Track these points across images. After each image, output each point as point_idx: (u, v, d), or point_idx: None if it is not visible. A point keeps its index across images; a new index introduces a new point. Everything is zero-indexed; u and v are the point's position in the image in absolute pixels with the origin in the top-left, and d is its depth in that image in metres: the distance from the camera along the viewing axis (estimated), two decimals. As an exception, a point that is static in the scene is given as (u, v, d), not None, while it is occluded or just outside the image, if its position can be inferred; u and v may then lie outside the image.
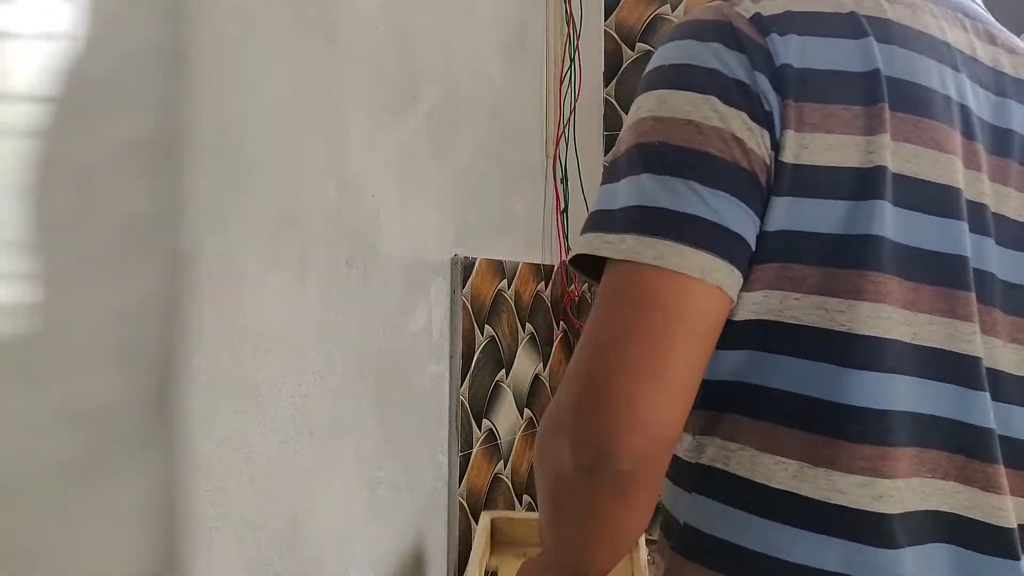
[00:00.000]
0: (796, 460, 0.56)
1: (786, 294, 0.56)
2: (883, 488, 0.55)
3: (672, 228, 0.54)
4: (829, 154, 0.56)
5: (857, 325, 0.55)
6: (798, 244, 0.56)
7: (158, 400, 0.75)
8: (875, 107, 0.57)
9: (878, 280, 0.56)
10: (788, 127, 0.56)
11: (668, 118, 0.57)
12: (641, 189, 0.56)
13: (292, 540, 0.90)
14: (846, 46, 0.58)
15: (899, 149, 0.57)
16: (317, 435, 0.94)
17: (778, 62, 0.57)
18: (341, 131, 0.98)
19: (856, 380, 0.55)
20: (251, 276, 0.84)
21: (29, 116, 0.64)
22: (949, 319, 0.58)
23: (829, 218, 0.56)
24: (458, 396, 1.21)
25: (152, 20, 0.74)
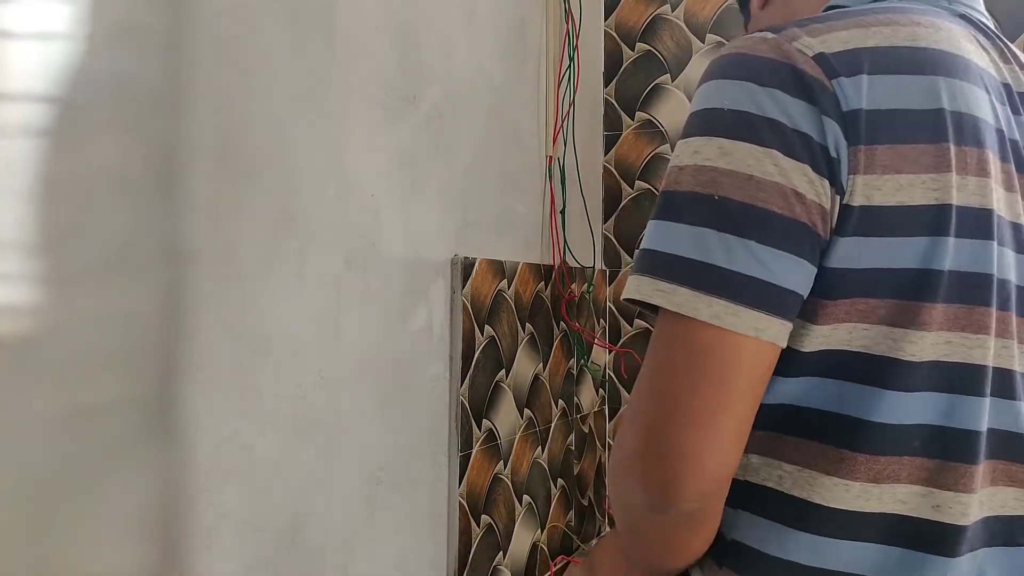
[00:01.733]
0: (859, 482, 0.59)
1: (855, 325, 0.59)
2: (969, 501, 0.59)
3: (728, 287, 0.56)
4: (900, 194, 0.58)
5: (953, 353, 0.59)
6: (868, 280, 0.59)
7: (158, 400, 0.75)
8: (941, 145, 0.58)
9: (934, 310, 0.58)
10: (857, 172, 0.57)
11: (730, 171, 0.58)
12: (699, 242, 0.58)
13: (292, 540, 0.90)
14: (914, 83, 0.59)
15: (963, 183, 0.59)
16: (317, 435, 0.94)
17: (846, 107, 0.57)
18: (341, 131, 0.98)
19: (959, 404, 0.59)
20: (251, 276, 0.84)
21: (29, 116, 0.64)
22: (1000, 338, 0.61)
23: (899, 255, 0.58)
24: (458, 396, 1.21)
25: (152, 20, 0.74)
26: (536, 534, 1.46)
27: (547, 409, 1.51)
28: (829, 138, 0.57)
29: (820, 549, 0.60)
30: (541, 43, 1.56)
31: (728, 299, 0.56)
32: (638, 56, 1.83)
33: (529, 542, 1.43)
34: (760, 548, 0.62)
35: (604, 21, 1.86)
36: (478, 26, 1.32)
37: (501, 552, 1.33)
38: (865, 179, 0.57)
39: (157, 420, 0.75)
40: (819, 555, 0.60)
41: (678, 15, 1.79)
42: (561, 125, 1.58)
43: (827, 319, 0.59)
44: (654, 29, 1.81)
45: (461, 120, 1.26)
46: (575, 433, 1.64)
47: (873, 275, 0.58)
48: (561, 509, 1.57)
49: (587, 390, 1.70)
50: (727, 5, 1.75)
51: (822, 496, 0.60)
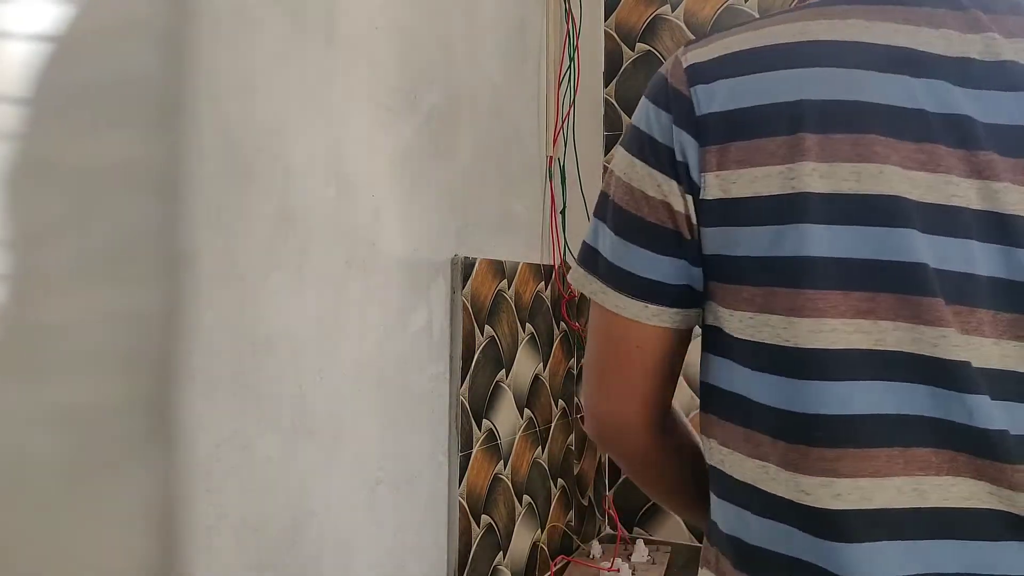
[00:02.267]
0: (772, 464, 0.63)
1: (743, 313, 0.64)
2: (841, 487, 0.61)
3: (602, 270, 0.70)
4: (755, 185, 0.63)
5: (800, 340, 0.61)
6: (740, 267, 0.64)
7: (158, 400, 0.75)
8: (795, 136, 0.61)
9: (815, 297, 0.61)
10: (708, 170, 0.64)
11: (615, 174, 0.71)
12: (594, 232, 0.72)
13: (292, 540, 0.90)
14: (774, 78, 0.63)
15: (834, 169, 0.61)
16: (317, 435, 0.94)
17: (699, 112, 0.65)
18: (341, 131, 0.98)
19: (809, 391, 0.61)
20: (251, 276, 0.84)
21: (29, 117, 0.64)
22: (913, 324, 0.60)
23: (760, 243, 0.63)
24: (458, 396, 1.21)
25: (152, 20, 0.74)
26: (536, 534, 1.46)
27: (547, 409, 1.51)
28: (675, 144, 0.66)
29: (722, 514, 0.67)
30: (541, 43, 1.56)
31: (601, 280, 0.70)
32: (638, 56, 1.83)
33: (529, 542, 1.43)
34: (718, 525, 0.69)
35: (604, 21, 1.86)
36: (478, 26, 1.32)
37: (501, 552, 1.33)
38: (719, 175, 0.64)
39: (157, 420, 0.75)
40: (724, 520, 0.67)
41: (678, 15, 1.79)
42: (561, 125, 1.58)
43: (724, 300, 0.66)
44: (654, 29, 1.81)
45: (461, 120, 1.26)
46: (575, 433, 1.64)
47: (742, 262, 0.64)
48: (561, 509, 1.57)
49: (587, 390, 1.70)
50: (727, 5, 1.75)
51: (752, 477, 0.65)
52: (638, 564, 1.56)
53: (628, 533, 1.73)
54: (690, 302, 0.69)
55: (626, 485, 1.78)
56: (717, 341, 0.68)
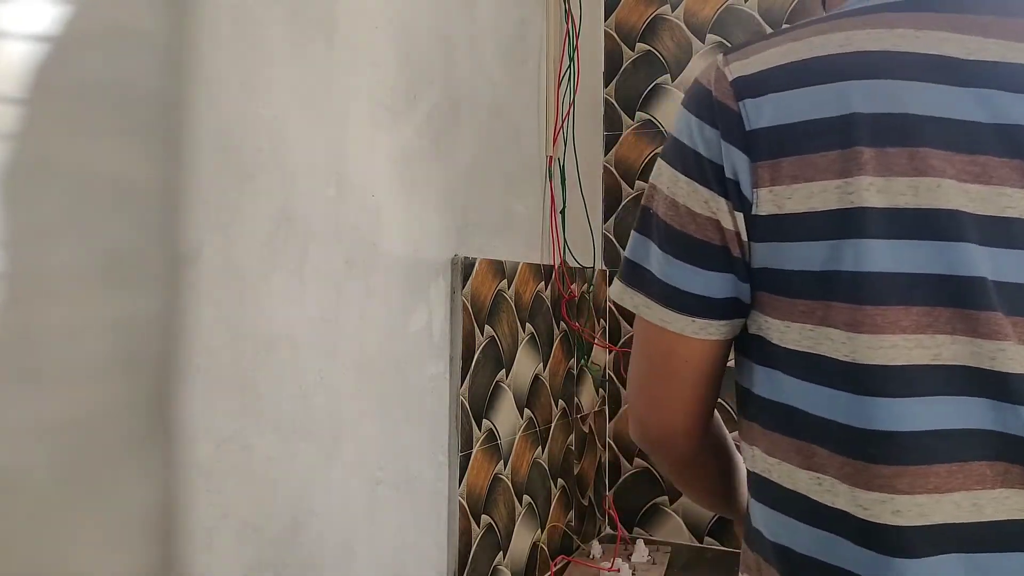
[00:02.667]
0: (829, 476, 0.63)
1: (800, 325, 0.64)
2: (900, 504, 0.60)
3: (647, 284, 0.70)
4: (812, 200, 0.62)
5: (859, 355, 0.61)
6: (795, 281, 0.64)
7: (158, 400, 0.75)
8: (850, 150, 0.61)
9: (874, 313, 0.60)
10: (761, 185, 0.64)
11: (659, 189, 0.70)
12: (637, 246, 0.72)
13: (292, 540, 0.90)
14: (824, 92, 0.62)
15: (891, 184, 0.60)
16: (317, 435, 0.94)
17: (749, 127, 0.64)
18: (341, 131, 0.98)
19: (870, 407, 0.61)
20: (251, 276, 0.84)
21: (29, 117, 0.64)
22: (971, 338, 0.60)
23: (809, 258, 0.62)
24: (458, 396, 1.21)
25: (152, 20, 0.74)
26: (536, 534, 1.46)
27: (547, 409, 1.51)
28: (725, 160, 0.65)
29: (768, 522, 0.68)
30: (541, 43, 1.56)
31: (646, 294, 0.70)
32: (638, 56, 1.83)
33: (529, 542, 1.43)
34: (762, 531, 0.69)
35: (604, 21, 1.86)
36: (478, 26, 1.32)
37: (501, 552, 1.33)
38: (772, 190, 0.63)
39: (157, 420, 0.75)
40: (770, 529, 0.67)
41: (678, 15, 1.79)
42: (561, 125, 1.58)
43: (776, 312, 0.66)
44: (654, 29, 1.81)
45: (461, 120, 1.26)
46: (575, 433, 1.64)
47: (796, 276, 0.64)
48: (561, 509, 1.57)
49: (587, 390, 1.70)
50: (727, 5, 1.75)
51: (805, 488, 0.64)
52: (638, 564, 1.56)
53: (628, 533, 1.73)
54: (736, 313, 0.69)
55: (626, 485, 1.78)
56: (761, 349, 0.67)
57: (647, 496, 1.76)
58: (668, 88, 1.80)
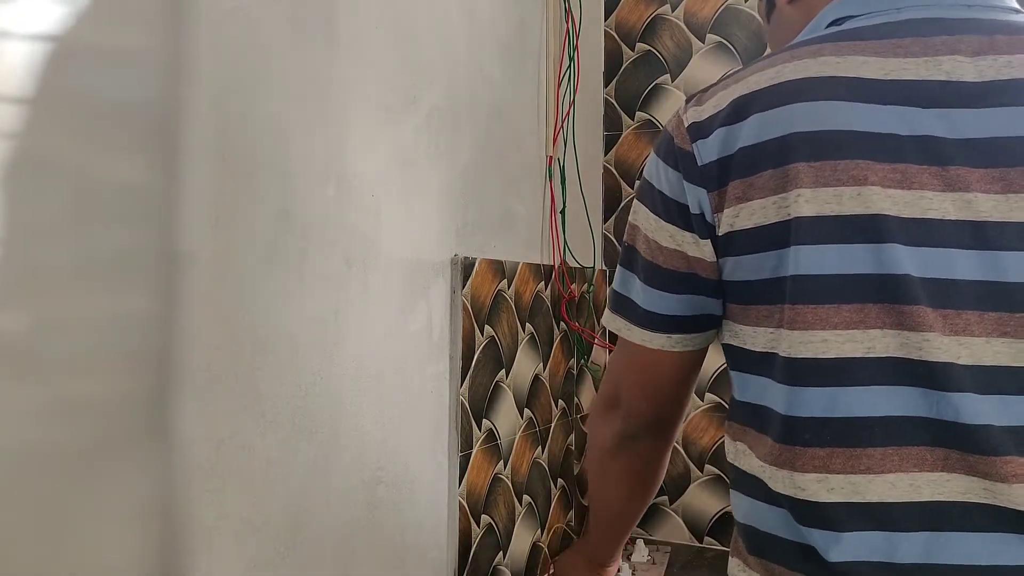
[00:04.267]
0: (768, 464, 0.70)
1: (765, 330, 0.71)
2: (834, 482, 0.66)
3: (628, 310, 0.82)
4: (755, 217, 0.70)
5: (793, 350, 0.68)
6: (752, 290, 0.72)
7: (158, 400, 0.75)
8: (783, 168, 0.68)
9: (805, 311, 0.67)
10: (720, 210, 0.72)
11: (635, 226, 0.80)
12: (621, 278, 0.83)
13: (292, 540, 0.90)
14: (765, 118, 0.70)
15: (818, 195, 0.67)
16: (317, 435, 0.94)
17: (701, 163, 0.73)
18: (341, 131, 0.98)
19: (800, 396, 0.67)
20: (251, 276, 0.84)
21: (28, 116, 0.64)
22: (899, 331, 0.65)
23: (761, 267, 0.70)
24: (458, 396, 1.21)
25: (152, 20, 0.74)
26: (536, 534, 1.46)
27: (547, 409, 1.51)
28: (690, 197, 0.74)
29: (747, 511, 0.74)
30: (541, 43, 1.56)
31: (627, 319, 0.82)
32: (638, 56, 1.83)
33: (529, 542, 1.43)
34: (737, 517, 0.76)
35: (604, 21, 1.86)
36: (478, 26, 1.32)
37: (501, 552, 1.33)
38: (727, 212, 0.71)
39: (157, 420, 0.75)
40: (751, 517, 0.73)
41: (678, 15, 1.79)
42: (561, 125, 1.58)
43: (744, 319, 0.73)
44: (654, 29, 1.81)
45: (461, 120, 1.26)
46: (575, 433, 1.64)
47: (748, 285, 0.72)
48: (561, 509, 1.57)
49: (587, 390, 1.70)
50: (727, 5, 1.75)
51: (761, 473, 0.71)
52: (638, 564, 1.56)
53: (628, 533, 1.73)
54: (708, 326, 0.80)
55: (626, 485, 1.78)
56: (739, 358, 0.75)
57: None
58: (668, 88, 1.80)
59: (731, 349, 0.76)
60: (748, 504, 0.73)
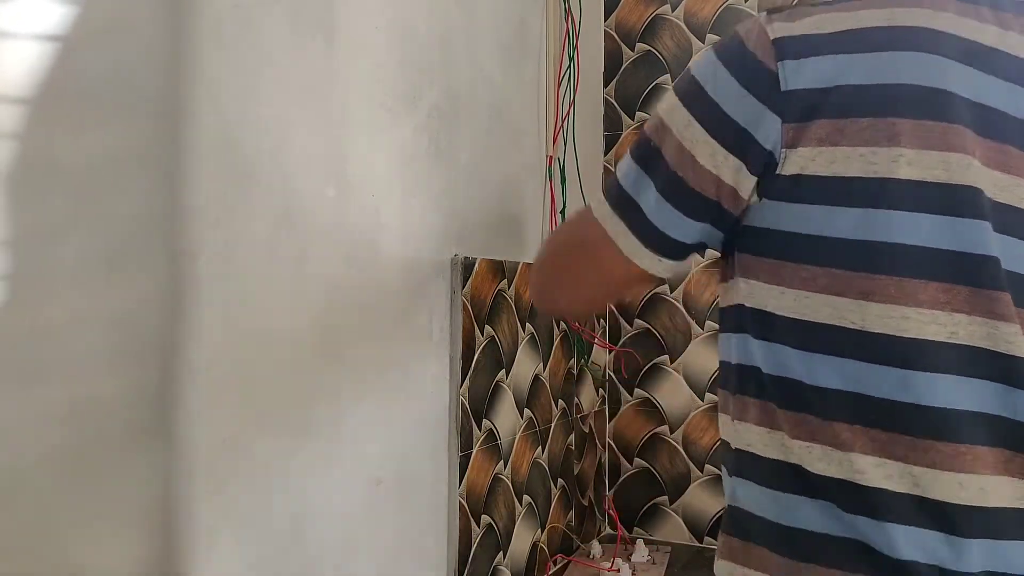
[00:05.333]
0: (820, 445, 0.63)
1: (799, 292, 0.63)
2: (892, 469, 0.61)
3: (633, 219, 0.71)
4: (835, 166, 0.61)
5: (868, 323, 0.61)
6: (805, 245, 0.63)
7: (158, 400, 0.75)
8: (883, 119, 0.60)
9: (887, 282, 0.60)
10: (790, 145, 0.63)
11: (669, 127, 0.69)
12: (639, 186, 0.71)
13: (292, 540, 0.90)
14: (874, 60, 0.62)
15: (922, 157, 0.60)
16: (317, 435, 0.94)
17: (785, 87, 0.63)
18: (341, 131, 0.98)
19: (867, 373, 0.61)
20: (251, 275, 0.84)
21: (29, 116, 0.64)
22: (987, 319, 0.60)
23: (830, 223, 0.62)
24: (458, 396, 1.21)
25: (152, 20, 0.74)
26: (536, 534, 1.46)
27: (547, 409, 1.51)
28: (756, 120, 0.64)
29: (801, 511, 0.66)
30: (541, 43, 1.55)
31: (628, 226, 0.71)
32: (638, 56, 1.83)
33: (529, 542, 1.43)
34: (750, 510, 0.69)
35: (604, 21, 1.86)
36: (478, 26, 1.32)
37: (501, 552, 1.33)
38: (802, 151, 0.62)
39: (157, 420, 0.75)
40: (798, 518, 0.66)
41: (678, 15, 1.79)
42: (561, 125, 1.58)
43: (772, 278, 0.65)
44: (654, 29, 1.81)
45: (461, 120, 1.26)
46: (575, 433, 1.64)
47: (809, 241, 0.63)
48: (561, 509, 1.57)
49: (587, 390, 1.70)
50: (727, 5, 1.75)
51: (798, 457, 0.64)
52: (638, 564, 1.56)
53: (628, 533, 1.73)
54: (694, 254, 0.74)
55: (626, 485, 1.78)
56: (760, 322, 0.66)
57: (647, 496, 1.76)
58: (668, 88, 1.80)
59: (743, 312, 0.68)
60: (768, 497, 0.66)
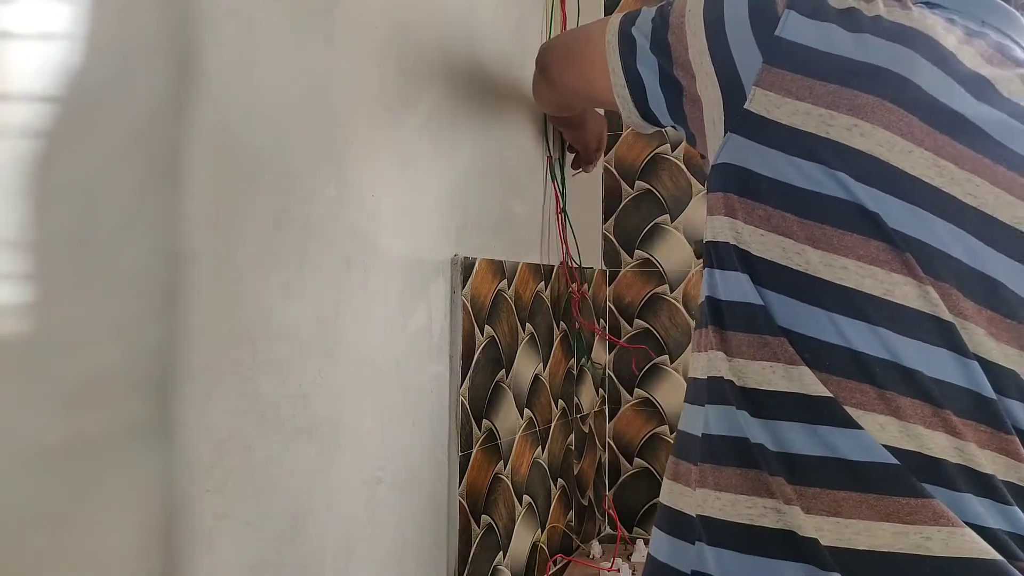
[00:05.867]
0: (781, 363, 0.67)
1: (755, 229, 0.69)
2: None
3: (635, 90, 0.86)
4: (794, 118, 0.67)
5: (811, 268, 0.66)
6: (758, 185, 0.69)
7: (158, 400, 0.75)
8: (851, 91, 0.66)
9: (831, 233, 0.65)
10: (761, 86, 0.69)
11: (684, 29, 0.77)
12: (644, 45, 0.83)
13: (292, 540, 0.90)
14: (860, 40, 0.67)
15: (872, 131, 0.65)
16: (317, 435, 0.94)
17: (779, 32, 0.69)
18: (341, 131, 0.98)
19: (811, 315, 0.66)
20: (251, 275, 0.84)
21: (29, 116, 0.64)
22: (920, 283, 0.65)
23: (789, 171, 0.67)
24: (458, 396, 1.21)
25: (152, 20, 0.74)
26: (536, 534, 1.46)
27: (547, 409, 1.51)
28: (742, 49, 0.70)
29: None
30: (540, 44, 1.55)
31: (631, 92, 0.87)
32: (638, 56, 1.83)
33: (529, 542, 1.43)
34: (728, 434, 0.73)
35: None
36: (478, 26, 1.32)
37: (501, 552, 1.33)
38: (768, 95, 0.68)
39: (158, 421, 0.75)
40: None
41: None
42: (561, 125, 1.58)
43: (732, 212, 0.70)
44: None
45: (461, 120, 1.26)
46: (575, 433, 1.64)
47: (761, 180, 0.68)
48: (561, 509, 1.57)
49: (587, 390, 1.70)
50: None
51: (755, 380, 0.69)
52: (638, 564, 1.56)
53: (628, 533, 1.73)
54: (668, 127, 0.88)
55: (626, 485, 1.78)
56: (729, 256, 0.71)
57: (647, 496, 1.76)
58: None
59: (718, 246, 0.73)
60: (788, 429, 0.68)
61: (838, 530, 0.63)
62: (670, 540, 0.76)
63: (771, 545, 0.66)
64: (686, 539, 0.73)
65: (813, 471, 0.65)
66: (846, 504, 0.63)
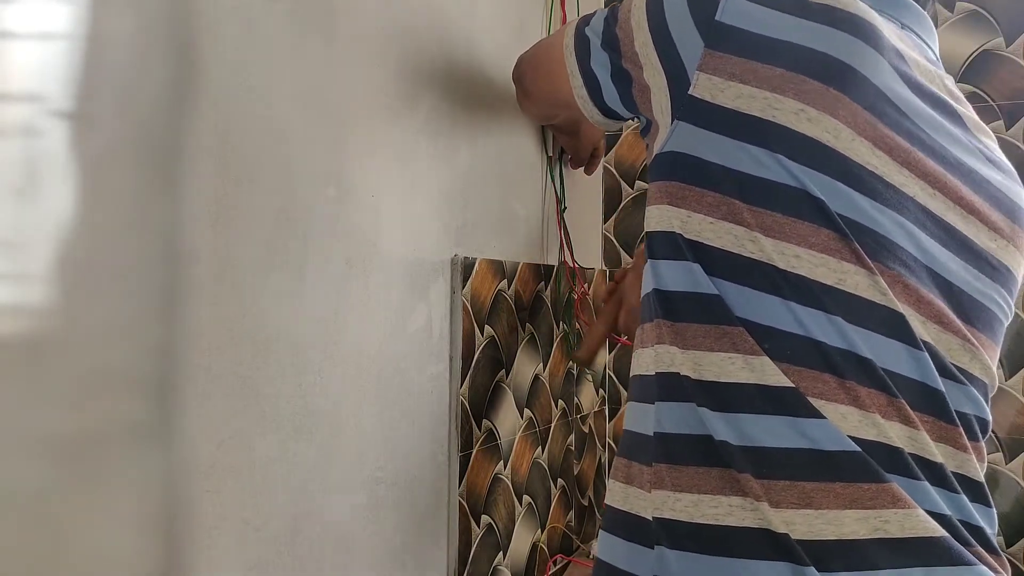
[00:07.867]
0: (740, 354, 0.67)
1: (704, 217, 0.68)
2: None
3: (591, 84, 0.90)
4: (738, 101, 0.67)
5: (766, 256, 0.65)
6: (710, 172, 0.68)
7: (158, 400, 0.75)
8: (798, 76, 0.66)
9: (782, 221, 0.65)
10: (704, 70, 0.69)
11: (631, 25, 0.79)
12: (596, 44, 0.87)
13: (292, 540, 0.90)
14: (801, 26, 0.68)
15: (819, 118, 0.65)
16: (317, 435, 0.94)
17: (719, 17, 0.69)
18: (341, 131, 0.98)
19: (765, 302, 0.66)
20: (251, 275, 0.84)
21: (28, 116, 0.64)
22: (870, 272, 0.65)
23: (738, 155, 0.66)
24: (458, 396, 1.21)
25: (152, 20, 0.74)
26: (536, 534, 1.46)
27: (547, 409, 1.51)
28: (685, 37, 0.70)
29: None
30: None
31: (587, 87, 0.91)
32: (638, 56, 1.83)
33: (529, 542, 1.43)
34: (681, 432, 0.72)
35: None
36: (478, 26, 1.32)
37: (501, 552, 1.33)
38: (712, 79, 0.68)
39: (157, 421, 0.75)
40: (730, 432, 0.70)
41: (678, 15, 1.79)
42: (561, 125, 1.57)
43: (688, 204, 0.69)
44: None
45: (461, 120, 1.26)
46: (575, 433, 1.64)
47: (710, 167, 0.68)
48: (561, 509, 1.57)
49: (587, 390, 1.70)
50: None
51: (714, 373, 0.68)
52: (638, 564, 1.56)
53: (628, 533, 1.73)
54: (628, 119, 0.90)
55: (626, 485, 1.78)
56: (675, 245, 0.71)
57: (647, 496, 1.76)
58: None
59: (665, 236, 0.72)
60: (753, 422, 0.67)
61: (808, 522, 0.62)
62: (626, 545, 0.73)
63: (739, 544, 0.65)
64: (644, 543, 0.70)
65: (780, 463, 0.64)
66: (816, 495, 0.63)
